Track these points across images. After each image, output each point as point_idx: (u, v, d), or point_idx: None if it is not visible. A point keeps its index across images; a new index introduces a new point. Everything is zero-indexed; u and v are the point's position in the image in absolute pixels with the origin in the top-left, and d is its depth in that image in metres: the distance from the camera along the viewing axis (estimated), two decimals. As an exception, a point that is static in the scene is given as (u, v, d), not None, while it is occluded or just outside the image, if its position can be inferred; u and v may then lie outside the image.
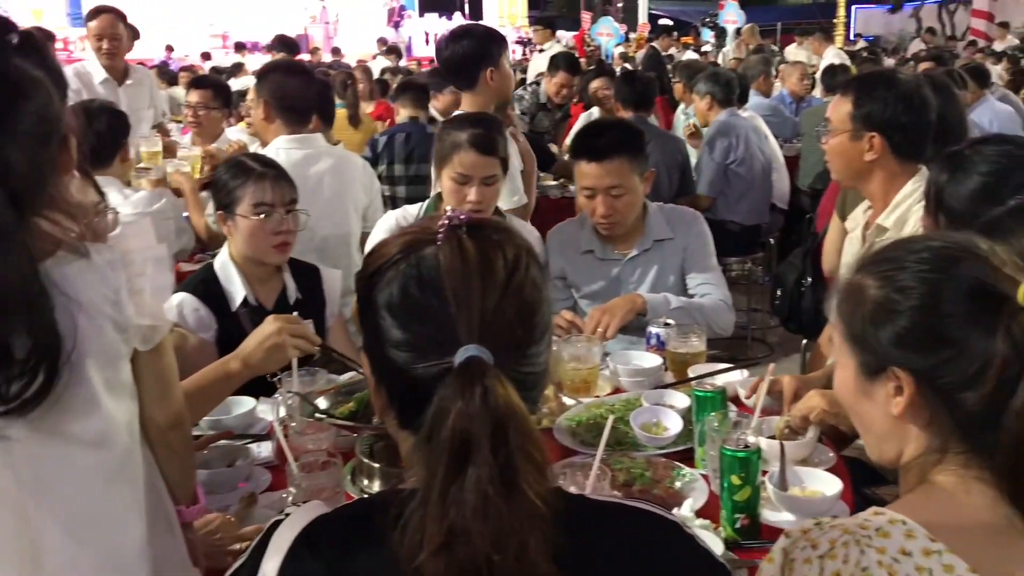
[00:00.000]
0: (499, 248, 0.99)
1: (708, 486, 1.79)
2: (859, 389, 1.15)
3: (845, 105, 2.47)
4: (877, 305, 1.11)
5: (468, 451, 0.88)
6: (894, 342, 1.09)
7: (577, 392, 2.28)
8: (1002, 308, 1.02)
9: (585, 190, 2.71)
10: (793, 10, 30.32)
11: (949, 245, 1.10)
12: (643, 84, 5.18)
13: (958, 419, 1.07)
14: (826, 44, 11.25)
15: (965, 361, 1.04)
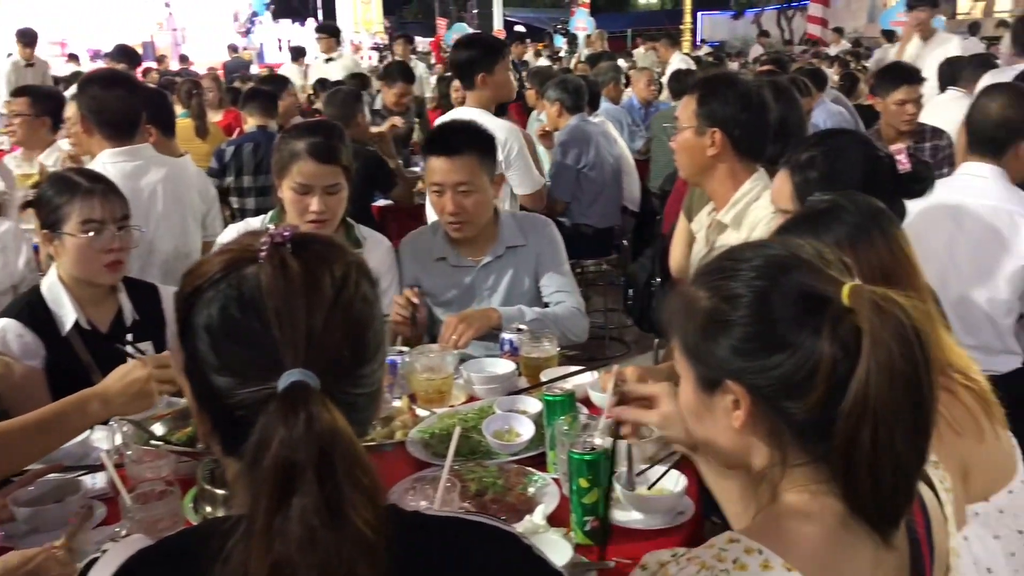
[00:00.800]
0: (326, 265, 0.96)
1: (560, 490, 1.80)
2: (700, 403, 1.13)
3: (691, 103, 2.57)
4: (708, 316, 1.09)
5: (292, 481, 0.84)
6: (727, 354, 1.06)
7: (431, 403, 2.26)
8: (827, 310, 1.01)
9: (434, 186, 2.69)
10: (642, 16, 31.29)
11: (779, 253, 1.08)
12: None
13: (796, 429, 1.04)
14: (672, 50, 11.60)
15: (796, 368, 1.01)
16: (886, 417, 0.98)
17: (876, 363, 0.97)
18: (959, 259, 2.70)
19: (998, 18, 17.95)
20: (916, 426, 1.01)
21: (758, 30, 22.02)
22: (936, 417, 1.03)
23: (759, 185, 2.56)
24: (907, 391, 0.99)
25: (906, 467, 1.00)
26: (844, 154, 2.01)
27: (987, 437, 1.50)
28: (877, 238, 1.57)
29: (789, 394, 1.02)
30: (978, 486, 1.51)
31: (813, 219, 1.63)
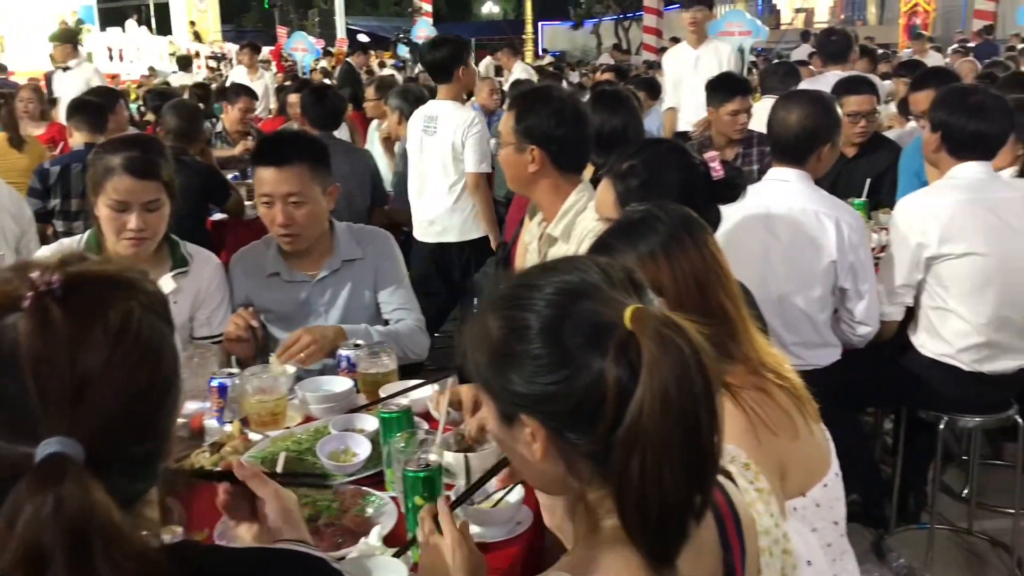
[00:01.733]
0: (100, 314, 0.87)
1: (399, 509, 1.77)
2: (503, 434, 1.09)
3: (509, 119, 2.58)
4: (499, 348, 1.04)
5: (42, 566, 0.77)
6: (519, 387, 1.02)
7: (264, 426, 2.18)
8: (612, 336, 0.98)
9: (264, 197, 2.59)
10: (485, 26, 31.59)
11: (569, 279, 1.04)
12: (331, 101, 5.09)
13: (592, 459, 1.01)
14: (514, 59, 11.74)
15: (585, 398, 0.98)
16: (657, 448, 0.94)
17: (651, 390, 0.94)
18: (774, 261, 2.83)
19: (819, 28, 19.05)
20: (688, 459, 0.96)
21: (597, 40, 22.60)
22: (716, 455, 0.99)
23: (584, 197, 2.59)
24: (681, 422, 0.94)
25: (674, 503, 0.96)
26: (662, 163, 2.07)
27: (801, 434, 1.57)
28: (689, 246, 1.60)
29: (580, 425, 0.99)
30: (795, 482, 1.57)
31: (628, 229, 1.66)
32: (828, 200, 2.90)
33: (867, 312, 2.91)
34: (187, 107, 4.92)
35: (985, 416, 3.06)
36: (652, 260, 1.58)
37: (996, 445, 3.87)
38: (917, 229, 2.91)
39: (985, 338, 2.91)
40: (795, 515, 1.55)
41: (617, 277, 1.04)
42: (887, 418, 3.89)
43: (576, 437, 1.00)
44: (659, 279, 1.57)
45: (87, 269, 0.91)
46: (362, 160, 4.90)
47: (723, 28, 10.39)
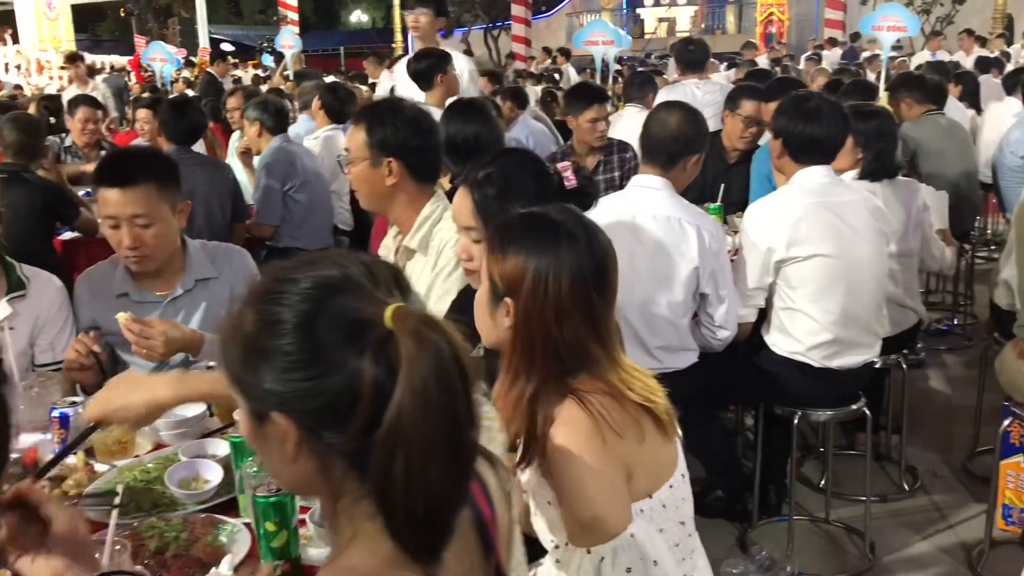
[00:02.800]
0: None
1: (252, 535, 1.71)
2: (254, 433, 1.04)
3: (359, 134, 2.50)
4: (251, 342, 1.00)
5: None
6: (271, 384, 0.98)
7: (112, 456, 2.08)
8: (370, 334, 0.95)
9: (109, 219, 2.46)
10: (353, 35, 31.28)
11: (329, 274, 1.00)
12: (192, 115, 4.90)
13: (346, 460, 0.98)
14: (381, 68, 11.64)
15: (339, 395, 0.95)
16: (420, 447, 0.93)
17: (412, 389, 0.92)
18: (640, 268, 2.89)
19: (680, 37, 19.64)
20: (453, 458, 0.96)
21: (465, 47, 22.68)
22: (475, 450, 1.00)
23: (439, 206, 2.58)
24: (444, 421, 0.94)
25: (441, 500, 0.96)
26: (517, 171, 2.09)
27: (648, 438, 1.59)
28: (567, 274, 1.61)
29: (334, 423, 0.96)
30: (641, 484, 1.59)
31: (536, 229, 1.66)
32: (689, 208, 2.98)
33: (726, 316, 3.00)
34: (28, 120, 4.64)
35: (836, 409, 3.21)
36: (522, 271, 1.60)
37: (851, 436, 4.05)
38: (766, 234, 3.02)
39: (832, 335, 3.04)
40: (642, 516, 1.57)
41: (381, 275, 1.02)
42: (748, 414, 4.03)
43: (330, 436, 0.97)
44: (517, 288, 1.60)
45: None
46: (221, 174, 4.75)
47: (587, 38, 10.58)
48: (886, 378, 3.88)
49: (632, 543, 1.51)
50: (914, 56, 14.31)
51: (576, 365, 1.59)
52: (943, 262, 3.91)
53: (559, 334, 1.58)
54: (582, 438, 1.53)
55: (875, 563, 3.24)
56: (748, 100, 4.47)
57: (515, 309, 1.61)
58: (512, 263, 1.61)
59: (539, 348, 1.59)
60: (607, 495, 1.53)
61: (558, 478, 1.55)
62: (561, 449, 1.54)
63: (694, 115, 3.06)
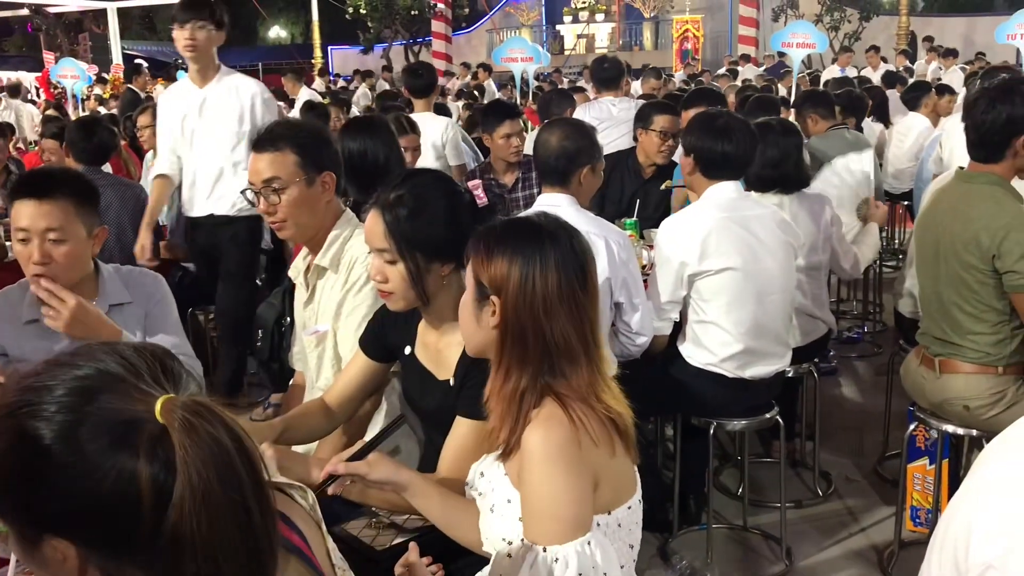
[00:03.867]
0: None
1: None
2: (29, 560, 0.94)
3: (289, 157, 2.46)
4: (12, 464, 0.90)
5: None
6: (38, 506, 0.89)
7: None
8: (142, 432, 0.88)
9: (20, 232, 2.37)
10: (272, 51, 30.94)
11: (84, 374, 0.92)
12: (101, 136, 4.77)
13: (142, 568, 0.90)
14: (299, 85, 11.58)
15: (119, 504, 0.87)
16: (208, 548, 0.86)
17: (191, 488, 0.86)
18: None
19: (599, 53, 19.93)
20: (248, 550, 0.89)
21: (386, 63, 22.64)
22: (272, 537, 0.93)
23: (349, 225, 2.59)
24: (231, 514, 0.88)
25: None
26: (428, 191, 2.09)
27: (618, 452, 1.62)
28: (552, 271, 1.64)
29: (112, 535, 0.89)
30: (604, 498, 1.61)
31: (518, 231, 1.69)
32: (596, 221, 3.02)
33: (642, 322, 3.05)
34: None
35: (750, 419, 3.28)
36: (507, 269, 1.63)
37: (767, 444, 4.15)
38: (679, 248, 3.09)
39: (744, 346, 3.12)
40: (598, 530, 1.58)
41: (146, 366, 0.94)
42: (668, 425, 4.09)
43: (113, 550, 0.89)
44: (503, 286, 1.63)
45: None
46: (133, 193, 4.64)
47: (506, 55, 10.68)
48: (799, 386, 3.98)
49: (588, 552, 1.52)
50: (824, 71, 14.78)
51: (561, 364, 1.61)
52: (855, 271, 4.04)
53: (548, 330, 1.60)
54: (560, 438, 1.55)
55: (791, 568, 3.32)
56: (659, 115, 4.54)
57: (502, 307, 1.63)
58: (498, 263, 1.64)
59: (531, 342, 1.61)
60: (573, 498, 1.54)
61: (528, 472, 1.56)
62: (537, 446, 1.55)
63: (575, 128, 3.10)
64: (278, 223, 2.52)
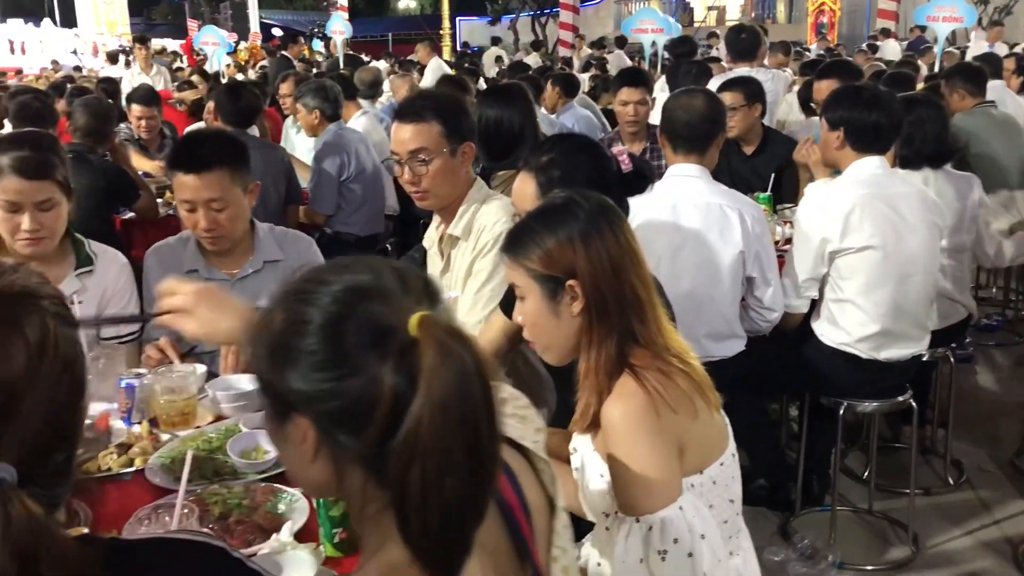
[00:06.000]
0: (18, 332, 0.85)
1: (311, 505, 1.77)
2: (276, 433, 1.04)
3: (433, 128, 2.51)
4: (278, 340, 1.00)
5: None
6: (293, 383, 0.98)
7: (174, 426, 2.16)
8: (393, 340, 0.95)
9: (185, 203, 2.54)
10: (401, 21, 31.39)
11: (360, 278, 1.00)
12: (246, 99, 5.00)
13: (363, 467, 0.98)
14: (432, 55, 11.73)
15: (357, 399, 0.95)
16: (436, 458, 0.91)
17: (431, 400, 0.91)
18: (684, 256, 2.91)
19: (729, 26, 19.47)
20: (471, 472, 0.94)
21: (514, 35, 22.67)
22: (495, 465, 0.99)
23: (480, 193, 2.64)
24: (462, 434, 0.93)
25: (458, 515, 0.94)
26: (576, 155, 2.13)
27: (700, 415, 1.63)
28: (606, 232, 1.67)
29: (351, 427, 0.96)
30: (693, 460, 1.64)
31: (549, 214, 1.72)
32: (729, 193, 3.00)
33: (774, 298, 3.02)
34: (98, 105, 4.77)
35: (882, 401, 3.20)
36: (570, 245, 1.66)
37: (896, 429, 4.04)
38: (820, 224, 3.02)
39: (881, 327, 3.04)
40: (692, 491, 1.61)
41: (412, 283, 1.01)
42: (792, 405, 4.03)
43: (347, 441, 0.97)
44: (575, 263, 1.65)
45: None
46: (276, 156, 4.83)
47: (636, 26, 10.55)
48: (933, 372, 3.86)
49: (680, 515, 1.55)
50: (971, 47, 14.04)
51: (635, 324, 1.64)
52: (998, 260, 3.87)
53: (622, 288, 1.64)
54: (636, 410, 1.58)
55: (918, 555, 3.24)
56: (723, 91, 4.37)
57: (582, 285, 1.65)
58: (559, 248, 1.67)
59: (611, 308, 1.64)
60: (658, 467, 1.57)
61: (612, 447, 1.60)
62: (617, 420, 1.59)
63: (713, 97, 3.10)
64: (420, 193, 2.58)
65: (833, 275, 3.07)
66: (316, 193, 4.95)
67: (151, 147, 5.81)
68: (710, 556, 1.58)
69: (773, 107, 4.81)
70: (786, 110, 6.25)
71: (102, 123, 4.63)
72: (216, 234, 2.56)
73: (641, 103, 4.64)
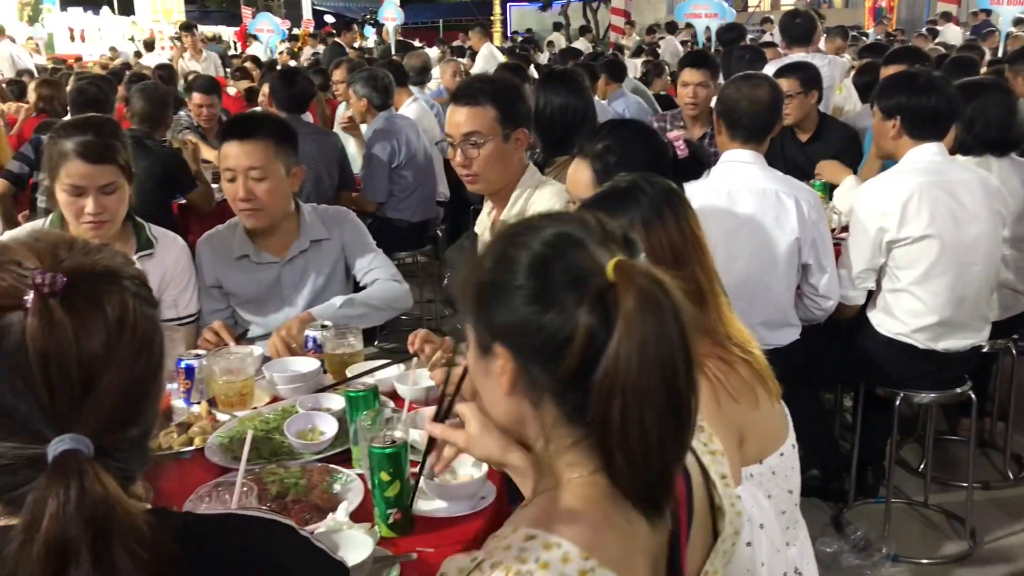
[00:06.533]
0: (99, 308, 0.88)
1: (365, 486, 1.80)
2: (478, 367, 1.13)
3: (488, 112, 2.52)
4: (487, 277, 1.09)
5: (66, 561, 0.80)
6: (497, 316, 1.06)
7: (232, 406, 2.20)
8: (591, 281, 1.01)
9: (227, 171, 2.60)
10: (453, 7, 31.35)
11: (569, 229, 1.08)
12: (300, 85, 5.05)
13: (554, 400, 1.04)
14: (484, 40, 11.74)
15: (553, 334, 1.01)
16: (636, 396, 0.97)
17: (629, 340, 0.97)
18: (739, 242, 2.88)
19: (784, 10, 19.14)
20: (670, 409, 0.99)
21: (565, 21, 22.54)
22: (698, 403, 1.03)
23: (533, 180, 2.64)
24: (661, 372, 0.98)
25: (660, 450, 1.00)
26: (632, 142, 2.12)
27: (762, 404, 1.62)
28: (669, 218, 1.66)
29: (544, 360, 1.03)
30: (753, 450, 1.62)
31: (612, 198, 1.70)
32: (784, 179, 2.96)
33: (829, 285, 2.98)
34: (156, 92, 4.86)
35: (939, 392, 3.14)
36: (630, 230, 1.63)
37: (953, 421, 3.97)
38: (878, 214, 2.97)
39: (939, 317, 2.98)
40: (751, 481, 1.60)
41: (612, 232, 1.09)
42: (846, 395, 3.97)
43: (540, 373, 1.04)
44: None
45: (80, 264, 0.91)
46: (330, 143, 4.88)
47: (689, 10, 10.43)
48: (994, 363, 3.77)
49: (739, 505, 1.54)
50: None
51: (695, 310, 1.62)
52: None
53: (681, 277, 1.60)
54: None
55: (975, 549, 3.19)
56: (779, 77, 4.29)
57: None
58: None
59: None
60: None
61: None
62: None
63: (772, 83, 3.06)
64: (471, 176, 2.59)
65: (890, 265, 3.02)
66: (368, 180, 4.99)
67: (210, 135, 5.89)
68: (768, 546, 1.57)
69: (829, 93, 4.72)
70: (843, 97, 6.14)
71: (159, 109, 4.71)
72: (253, 206, 2.59)
73: (702, 85, 4.57)
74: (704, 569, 1.20)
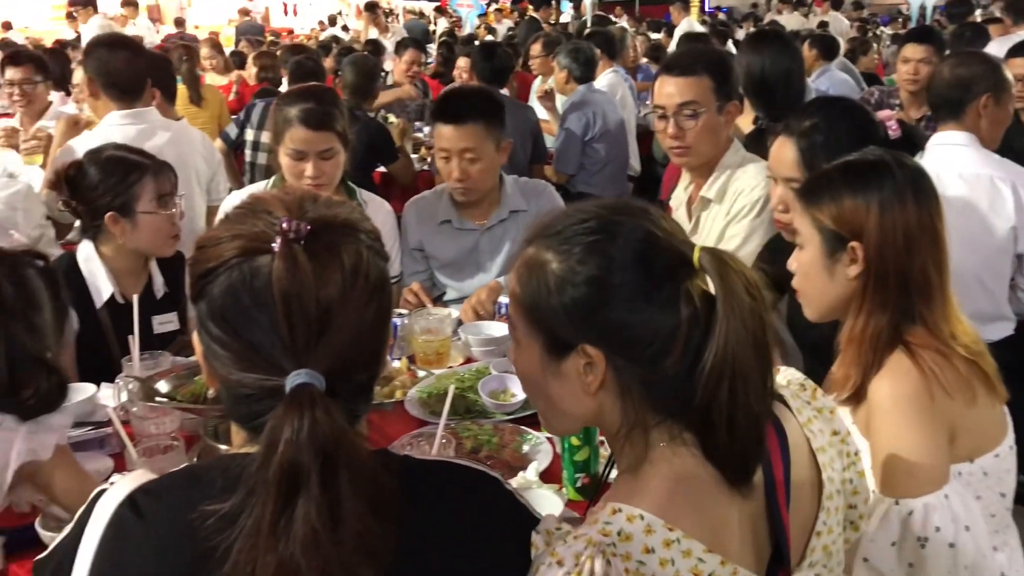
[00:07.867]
0: (337, 255, 0.96)
1: (553, 449, 1.85)
2: (546, 369, 1.11)
3: (704, 82, 2.47)
4: (560, 279, 1.07)
5: (297, 483, 0.88)
6: (583, 316, 1.06)
7: (430, 364, 2.31)
8: (683, 272, 1.05)
9: (442, 151, 2.72)
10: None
11: (643, 221, 1.09)
12: (500, 58, 5.17)
13: (649, 389, 1.06)
14: (684, 14, 11.61)
15: (657, 330, 1.04)
16: (741, 373, 1.02)
17: (731, 322, 1.01)
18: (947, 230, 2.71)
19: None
20: (763, 379, 1.05)
21: None
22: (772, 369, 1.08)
23: (738, 156, 2.58)
24: (756, 348, 1.03)
25: (758, 420, 1.05)
26: (842, 120, 2.03)
27: (979, 402, 1.53)
28: (910, 204, 1.57)
29: (643, 354, 1.05)
30: (964, 448, 1.54)
31: (856, 171, 1.63)
32: (1002, 164, 2.76)
33: None
34: (366, 64, 5.09)
35: None
36: (865, 208, 1.57)
37: None
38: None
39: None
40: (959, 480, 1.52)
41: (675, 226, 1.12)
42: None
43: (635, 366, 1.06)
44: (864, 227, 1.57)
45: (323, 215, 0.98)
46: (525, 116, 4.96)
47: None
48: None
49: (945, 504, 1.46)
50: None
51: (919, 306, 1.55)
52: None
53: (909, 266, 1.55)
54: (909, 390, 1.50)
55: None
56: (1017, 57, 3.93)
57: (864, 250, 1.57)
58: (851, 204, 1.58)
59: (892, 284, 1.56)
60: (925, 451, 1.49)
61: (877, 425, 1.53)
62: (885, 398, 1.52)
63: (969, 55, 2.89)
64: (682, 149, 2.53)
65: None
66: (560, 153, 5.04)
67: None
68: (974, 549, 1.48)
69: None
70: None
71: (368, 80, 4.94)
72: (467, 185, 2.70)
73: (924, 62, 4.29)
74: (816, 529, 1.17)
